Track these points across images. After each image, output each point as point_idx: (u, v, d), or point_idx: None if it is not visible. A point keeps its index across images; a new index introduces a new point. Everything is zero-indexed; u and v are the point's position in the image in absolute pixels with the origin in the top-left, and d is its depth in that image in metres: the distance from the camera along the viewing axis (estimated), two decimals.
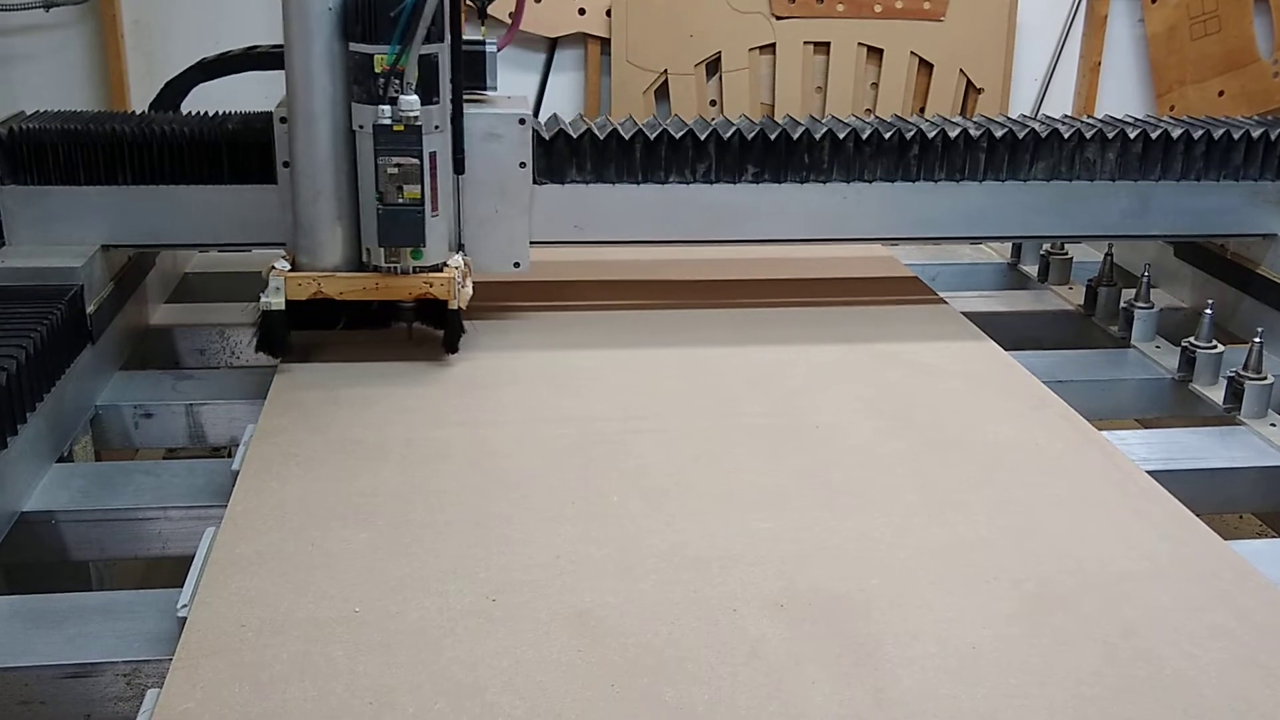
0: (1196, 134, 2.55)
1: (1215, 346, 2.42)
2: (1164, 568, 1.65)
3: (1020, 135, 2.49)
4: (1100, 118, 2.69)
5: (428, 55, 2.04)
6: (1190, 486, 1.97)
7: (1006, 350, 2.42)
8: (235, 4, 3.95)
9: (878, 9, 4.39)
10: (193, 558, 1.61)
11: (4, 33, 4.07)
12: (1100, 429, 2.09)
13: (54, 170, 2.33)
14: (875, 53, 4.46)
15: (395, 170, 2.02)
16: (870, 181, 2.49)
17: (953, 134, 2.48)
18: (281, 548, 1.63)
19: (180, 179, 2.36)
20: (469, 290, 2.24)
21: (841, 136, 2.46)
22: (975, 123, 2.55)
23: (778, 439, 2.00)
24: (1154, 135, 2.53)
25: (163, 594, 1.60)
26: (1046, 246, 3.07)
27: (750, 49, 4.39)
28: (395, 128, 2.01)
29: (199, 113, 2.49)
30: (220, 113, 2.47)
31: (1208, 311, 2.43)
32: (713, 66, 4.43)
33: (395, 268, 2.15)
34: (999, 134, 2.48)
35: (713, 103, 4.46)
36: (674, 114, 4.29)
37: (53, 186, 2.34)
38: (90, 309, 2.23)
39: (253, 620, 1.47)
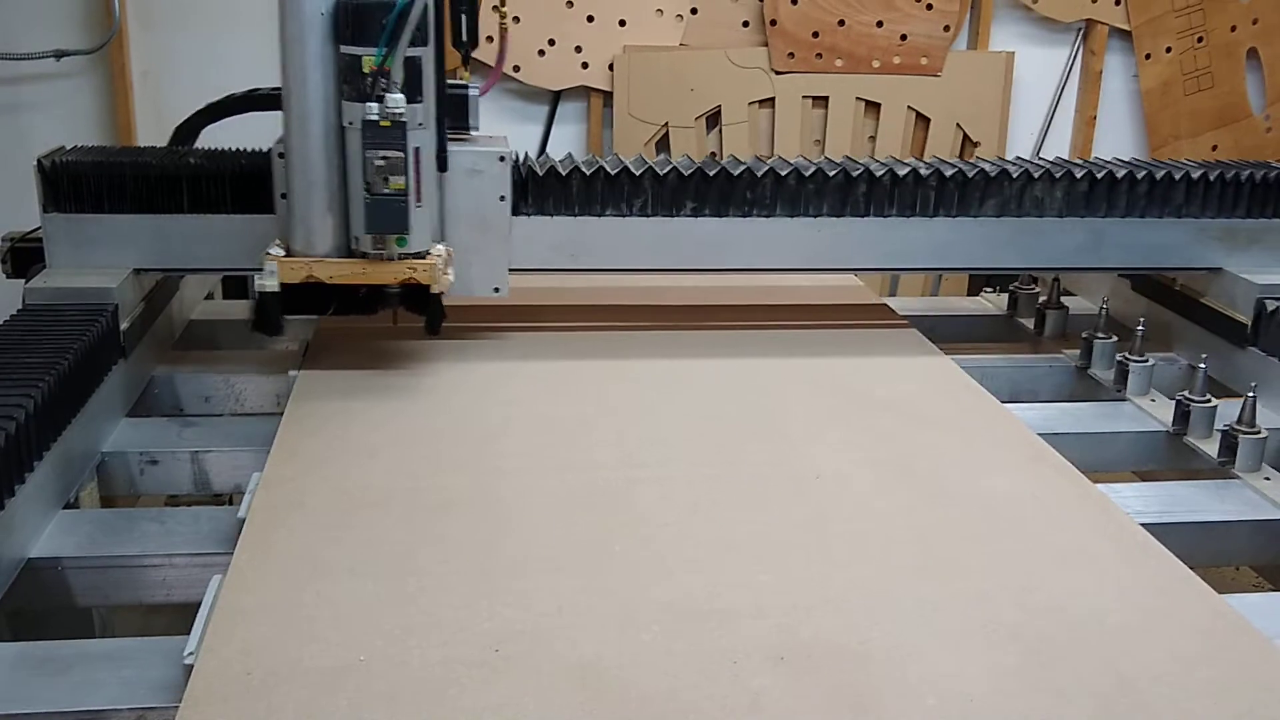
0: (1139, 174, 2.75)
1: (1209, 400, 2.45)
2: (1159, 622, 1.66)
3: (971, 174, 2.69)
4: (1054, 159, 2.84)
5: (413, 57, 2.16)
6: (1185, 539, 1.99)
7: (1003, 402, 2.45)
8: (238, 56, 4.00)
9: (876, 64, 4.45)
10: (196, 604, 1.63)
11: (16, 81, 4.13)
12: (1096, 482, 2.11)
13: (89, 199, 2.51)
14: (873, 107, 4.52)
15: (382, 163, 2.13)
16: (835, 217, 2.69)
17: (949, 174, 2.67)
18: (287, 596, 1.65)
19: (201, 208, 2.54)
20: (451, 277, 2.35)
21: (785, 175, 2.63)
22: (973, 165, 2.72)
23: (778, 489, 2.03)
24: (1099, 175, 2.73)
25: (167, 641, 1.61)
26: (1043, 299, 3.11)
27: (750, 103, 4.45)
28: (382, 123, 2.12)
29: (216, 149, 2.66)
30: (235, 149, 2.65)
31: (1202, 365, 2.46)
32: (713, 120, 4.48)
33: (382, 254, 2.26)
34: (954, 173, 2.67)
35: (712, 155, 4.52)
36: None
37: (89, 215, 2.51)
38: (124, 325, 2.39)
39: (259, 669, 1.48)
